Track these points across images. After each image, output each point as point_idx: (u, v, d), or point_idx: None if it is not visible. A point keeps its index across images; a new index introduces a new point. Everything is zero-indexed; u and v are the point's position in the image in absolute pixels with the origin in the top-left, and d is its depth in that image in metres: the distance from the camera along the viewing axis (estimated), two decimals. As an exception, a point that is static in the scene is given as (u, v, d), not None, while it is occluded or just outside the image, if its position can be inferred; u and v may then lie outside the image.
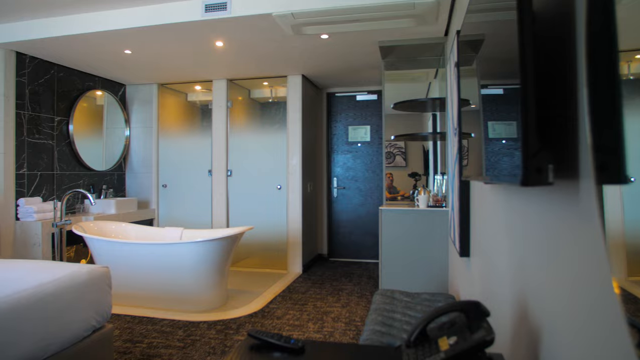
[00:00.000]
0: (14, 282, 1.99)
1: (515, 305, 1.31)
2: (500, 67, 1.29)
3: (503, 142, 1.27)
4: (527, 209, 1.21)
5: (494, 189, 1.69)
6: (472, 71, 1.97)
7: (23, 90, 4.39)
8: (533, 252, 1.15)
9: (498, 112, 1.34)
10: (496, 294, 1.60)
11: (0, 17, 3.80)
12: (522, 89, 0.88)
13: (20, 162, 4.35)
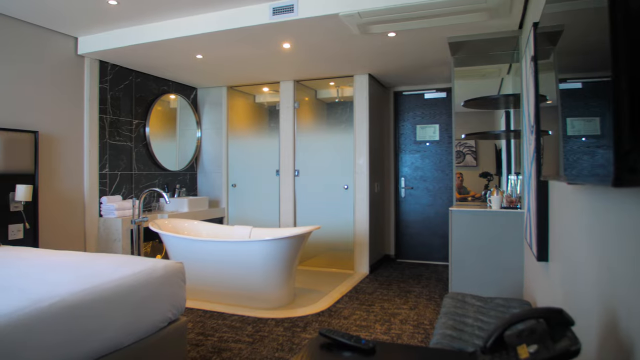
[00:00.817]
0: (99, 275, 2.12)
1: (603, 315, 1.21)
2: (581, 60, 1.20)
3: (583, 140, 1.19)
4: (617, 211, 1.12)
5: (577, 190, 1.58)
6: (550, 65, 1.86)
7: (105, 95, 4.70)
8: (625, 258, 1.05)
9: (578, 108, 1.25)
10: (580, 302, 1.49)
11: (86, 30, 4.09)
12: (614, 82, 0.81)
13: (103, 162, 4.66)
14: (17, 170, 3.72)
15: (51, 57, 4.16)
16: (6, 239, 3.62)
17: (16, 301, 1.72)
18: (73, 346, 1.82)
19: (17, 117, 3.85)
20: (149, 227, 4.38)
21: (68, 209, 4.30)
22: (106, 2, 3.48)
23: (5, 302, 1.69)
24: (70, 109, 4.35)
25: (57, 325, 1.76)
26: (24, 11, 3.68)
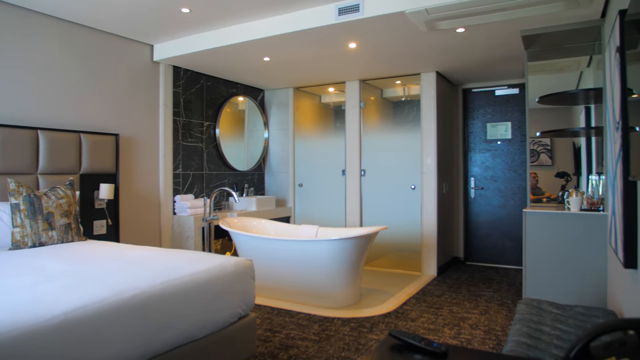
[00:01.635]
0: (175, 270, 2.22)
1: None
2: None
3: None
4: None
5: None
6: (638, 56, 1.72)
7: (178, 99, 4.93)
8: None
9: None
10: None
11: (161, 37, 4.31)
12: None
13: (177, 163, 4.89)
14: (100, 170, 3.98)
15: (130, 64, 4.42)
16: (91, 233, 3.89)
17: (101, 291, 1.83)
18: (151, 336, 1.91)
19: (100, 121, 4.13)
20: (219, 225, 4.53)
21: (145, 206, 4.56)
22: (179, 10, 3.64)
23: (92, 292, 1.82)
24: (147, 112, 4.60)
25: (137, 316, 1.86)
26: (106, 23, 3.94)
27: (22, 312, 1.57)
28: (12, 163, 3.37)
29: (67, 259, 2.51)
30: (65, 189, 3.26)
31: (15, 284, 1.96)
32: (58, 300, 1.71)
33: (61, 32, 3.84)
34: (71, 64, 3.91)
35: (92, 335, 1.69)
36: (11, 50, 3.51)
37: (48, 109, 3.74)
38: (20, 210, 2.95)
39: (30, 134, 3.49)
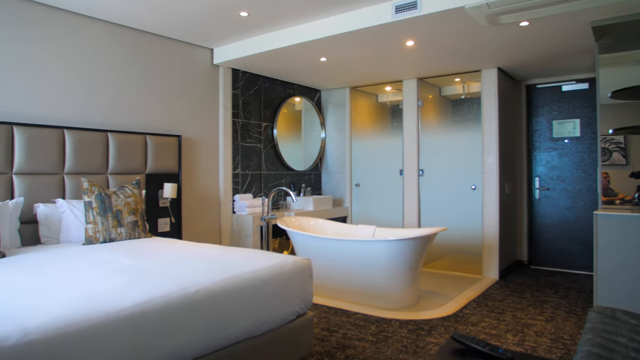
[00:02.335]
0: (235, 267, 2.28)
1: None
2: None
3: None
4: None
5: None
6: None
7: (237, 101, 5.05)
8: None
9: None
10: None
11: (221, 41, 4.43)
12: None
13: (236, 163, 5.01)
14: (164, 170, 4.15)
15: (191, 68, 4.58)
16: (156, 230, 4.06)
17: (167, 286, 1.91)
18: (213, 330, 1.97)
19: (164, 123, 4.31)
20: (277, 224, 4.60)
21: (206, 205, 4.70)
22: (238, 14, 3.73)
23: (158, 286, 1.89)
24: (207, 114, 4.75)
25: (200, 310, 1.92)
26: (170, 29, 4.10)
27: (94, 304, 1.66)
28: (85, 164, 3.58)
29: (135, 254, 2.63)
30: (133, 188, 3.42)
31: (88, 277, 2.07)
32: (127, 293, 1.80)
33: (128, 40, 4.04)
34: (137, 70, 4.11)
35: (158, 327, 1.76)
36: (87, 60, 3.73)
37: (117, 113, 3.94)
38: (93, 207, 3.13)
39: (101, 136, 3.70)
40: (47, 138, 3.37)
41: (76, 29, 3.69)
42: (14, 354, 1.36)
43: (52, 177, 3.41)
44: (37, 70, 3.46)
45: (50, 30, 3.54)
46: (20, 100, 3.37)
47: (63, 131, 3.48)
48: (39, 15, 3.47)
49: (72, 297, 1.72)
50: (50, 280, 2.02)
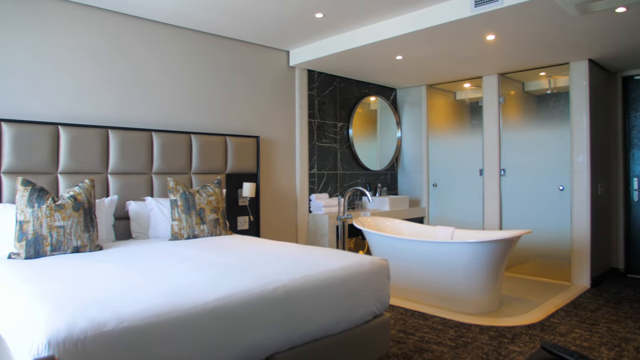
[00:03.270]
0: (313, 265, 2.30)
1: None
2: None
3: None
4: None
5: None
6: None
7: (313, 101, 5.10)
8: None
9: None
10: None
11: (296, 43, 4.50)
12: None
13: (312, 163, 5.07)
14: (243, 170, 4.29)
15: (268, 70, 4.70)
16: (235, 228, 4.21)
17: (247, 282, 1.96)
18: (291, 327, 1.99)
19: (243, 124, 4.46)
20: (353, 224, 4.59)
21: (283, 204, 4.80)
22: (313, 16, 3.76)
23: (239, 282, 1.95)
24: (284, 115, 4.85)
25: (279, 307, 1.95)
26: (247, 33, 4.24)
27: (181, 296, 1.75)
28: (170, 164, 3.79)
29: (216, 250, 2.74)
30: (214, 187, 3.56)
31: (174, 271, 2.18)
32: (210, 287, 1.87)
33: (208, 46, 4.22)
34: (217, 74, 4.28)
35: (239, 321, 1.81)
36: (170, 67, 3.95)
37: (199, 116, 4.14)
38: (178, 205, 3.30)
39: (185, 138, 3.90)
40: (137, 140, 3.61)
41: (161, 39, 3.91)
42: (112, 339, 1.47)
43: (141, 177, 3.64)
44: (127, 77, 3.72)
45: (139, 42, 3.78)
46: (114, 106, 3.63)
47: (151, 134, 3.70)
48: (132, 29, 3.73)
49: (161, 289, 1.82)
50: (141, 272, 2.15)
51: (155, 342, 1.57)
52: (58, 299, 1.70)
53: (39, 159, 3.15)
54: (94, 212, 2.91)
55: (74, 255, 2.64)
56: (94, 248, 2.81)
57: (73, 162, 3.29)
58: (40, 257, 2.61)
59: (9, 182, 3.03)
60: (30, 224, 2.63)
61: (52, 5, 3.34)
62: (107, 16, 3.60)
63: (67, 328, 1.42)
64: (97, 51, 3.55)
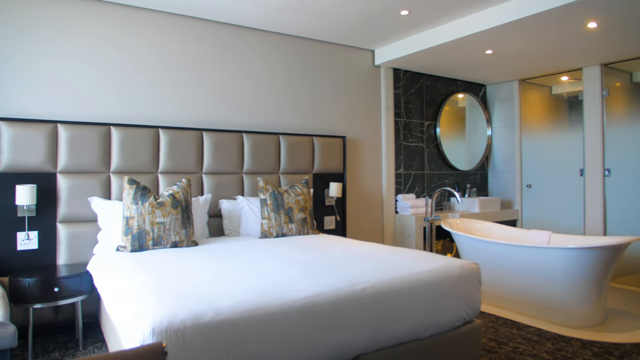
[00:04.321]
0: (401, 267, 2.26)
1: None
2: None
3: None
4: None
5: None
6: None
7: (399, 100, 5.03)
8: None
9: None
10: None
11: (381, 42, 4.46)
12: None
13: (398, 163, 5.00)
14: (330, 170, 4.33)
15: (353, 70, 4.71)
16: (322, 227, 4.26)
17: (336, 281, 1.97)
18: (379, 328, 1.97)
19: (329, 125, 4.50)
20: (440, 226, 4.46)
21: (369, 204, 4.78)
22: (398, 13, 3.71)
23: (328, 281, 1.97)
24: (370, 115, 4.83)
25: (367, 307, 1.94)
26: (332, 34, 4.28)
27: (271, 293, 1.79)
28: (260, 164, 3.92)
29: (304, 249, 2.79)
30: (302, 187, 3.63)
31: (264, 268, 2.25)
32: (299, 285, 1.90)
33: (294, 48, 4.32)
34: (303, 75, 4.37)
35: (327, 320, 1.83)
36: (256, 70, 4.10)
37: (286, 117, 4.24)
38: (267, 204, 3.41)
39: (273, 138, 4.01)
40: (229, 142, 3.78)
41: (248, 43, 4.06)
42: (208, 330, 1.55)
43: (233, 177, 3.81)
44: (220, 83, 3.90)
45: (231, 48, 3.96)
46: (208, 110, 3.83)
47: (242, 135, 3.86)
48: (224, 35, 3.92)
49: (253, 285, 1.89)
50: (234, 267, 2.25)
51: (248, 335, 1.63)
52: (160, 290, 1.82)
53: (142, 160, 3.40)
54: (190, 210, 3.08)
55: (173, 250, 2.83)
56: (190, 244, 2.99)
57: (171, 162, 3.52)
58: (143, 251, 2.82)
59: (117, 181, 3.31)
60: (135, 220, 2.84)
61: (162, 18, 3.61)
62: (205, 25, 3.82)
63: (169, 318, 1.52)
64: (195, 60, 3.78)
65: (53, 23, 3.24)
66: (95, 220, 3.20)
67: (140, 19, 3.56)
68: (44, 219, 3.09)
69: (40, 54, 3.20)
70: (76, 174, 3.19)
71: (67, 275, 2.80)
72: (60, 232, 3.12)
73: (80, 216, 3.18)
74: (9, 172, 2.98)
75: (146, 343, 1.46)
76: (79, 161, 3.18)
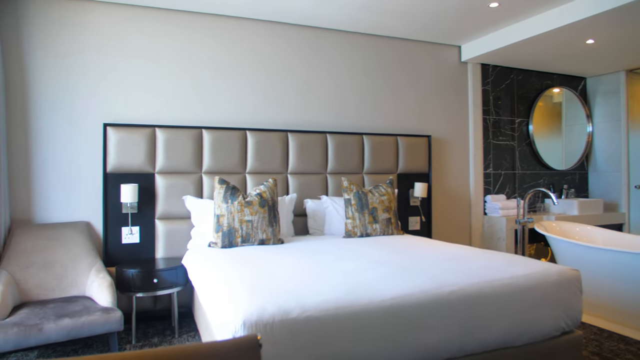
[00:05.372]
0: (492, 270, 2.15)
1: None
2: None
3: None
4: None
5: None
6: None
7: (487, 97, 4.80)
8: None
9: None
10: None
11: (468, 37, 4.28)
12: None
13: (487, 162, 4.77)
14: (414, 170, 4.24)
15: (438, 68, 4.57)
16: (407, 228, 4.18)
17: (422, 283, 1.92)
18: (468, 333, 1.89)
19: (413, 124, 4.41)
20: (534, 229, 4.20)
21: (455, 205, 4.62)
22: (487, 6, 3.54)
23: (414, 282, 1.92)
24: (456, 113, 4.66)
25: (455, 311, 1.87)
26: (414, 32, 4.20)
27: (357, 293, 1.78)
28: (343, 164, 3.94)
29: (389, 249, 2.75)
30: (386, 187, 3.59)
31: (349, 267, 2.25)
32: (385, 286, 1.87)
33: (375, 47, 4.28)
34: (386, 74, 4.32)
35: (413, 322, 1.78)
36: (341, 71, 4.11)
37: (368, 116, 4.22)
38: (351, 204, 3.40)
39: (357, 138, 4.01)
40: (313, 142, 3.83)
41: (331, 45, 4.09)
42: (296, 326, 1.57)
43: (317, 177, 3.85)
44: (303, 84, 3.97)
45: (314, 49, 4.02)
46: (293, 111, 3.92)
47: (325, 136, 3.90)
48: (307, 38, 3.99)
49: (338, 283, 1.89)
50: (319, 266, 2.27)
51: (334, 333, 1.63)
52: (250, 285, 1.88)
53: (230, 160, 3.56)
54: (277, 209, 3.17)
55: (260, 247, 2.92)
56: (276, 241, 3.07)
57: (258, 163, 3.64)
58: (233, 247, 2.93)
59: (208, 181, 3.49)
60: (225, 218, 2.97)
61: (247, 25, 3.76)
62: (289, 30, 3.93)
63: (259, 312, 1.56)
64: (279, 64, 3.89)
65: (149, 37, 3.51)
66: (189, 217, 3.39)
67: (226, 27, 3.73)
68: (144, 215, 3.34)
69: (139, 66, 3.47)
70: (171, 174, 3.41)
71: (165, 268, 3.00)
72: (158, 228, 3.36)
73: (175, 213, 3.39)
74: (115, 173, 3.26)
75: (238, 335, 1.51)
76: (174, 162, 3.39)
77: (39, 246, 2.92)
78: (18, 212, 3.16)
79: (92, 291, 2.77)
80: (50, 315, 2.40)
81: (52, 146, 3.25)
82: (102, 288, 2.71)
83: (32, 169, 3.21)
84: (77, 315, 2.43)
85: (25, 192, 3.19)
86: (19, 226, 3.04)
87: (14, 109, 3.17)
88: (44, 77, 3.24)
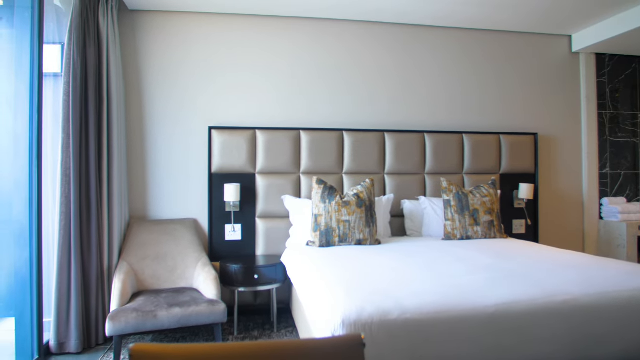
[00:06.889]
0: (609, 280, 1.95)
1: None
2: None
3: None
4: None
5: None
6: None
7: (603, 90, 4.38)
8: None
9: None
10: None
11: (580, 25, 3.93)
12: None
13: (603, 161, 4.35)
14: (519, 170, 3.99)
15: (545, 60, 4.25)
16: (510, 231, 3.94)
17: (530, 290, 1.79)
18: (581, 347, 1.73)
19: (517, 121, 4.14)
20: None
21: (565, 208, 4.26)
22: (609, -13, 3.22)
23: (520, 289, 1.80)
24: (566, 108, 4.30)
25: (567, 322, 1.72)
26: (519, 23, 3.94)
27: (458, 297, 1.71)
28: (442, 164, 3.81)
29: (491, 253, 2.61)
30: (488, 188, 3.41)
31: (449, 270, 2.17)
32: (488, 291, 1.78)
33: (474, 41, 4.08)
34: (488, 70, 4.10)
35: (521, 331, 1.68)
36: (440, 69, 3.98)
37: (469, 115, 4.04)
38: (451, 206, 3.28)
39: (456, 138, 3.86)
40: (410, 142, 3.76)
41: (429, 42, 3.98)
42: (395, 327, 1.55)
43: (414, 177, 3.77)
44: (399, 84, 3.91)
45: (411, 48, 3.94)
46: (388, 111, 3.87)
47: (423, 135, 3.80)
48: (405, 36, 3.92)
49: (438, 287, 1.83)
50: (417, 267, 2.22)
51: (434, 337, 1.58)
52: (348, 284, 1.88)
53: (327, 161, 3.61)
54: (374, 209, 3.15)
55: (357, 247, 2.92)
56: (373, 242, 3.04)
57: (354, 163, 3.65)
58: (330, 247, 2.97)
59: (306, 181, 3.56)
60: (323, 217, 3.01)
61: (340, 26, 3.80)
62: (384, 29, 3.89)
63: (357, 312, 1.56)
64: (374, 64, 3.86)
65: (251, 44, 3.68)
66: (287, 216, 3.49)
67: (324, 29, 3.79)
68: (245, 213, 3.50)
69: (240, 71, 3.66)
70: (271, 175, 3.54)
71: (265, 265, 3.12)
72: (258, 225, 3.51)
73: (274, 212, 3.51)
74: (219, 173, 3.47)
75: (337, 334, 1.51)
76: (273, 163, 3.52)
77: (153, 240, 3.18)
78: (135, 209, 3.48)
79: (199, 284, 2.96)
80: (163, 304, 2.59)
81: (164, 150, 3.54)
82: (208, 281, 2.88)
83: (147, 171, 3.52)
84: (186, 305, 2.60)
85: (141, 191, 3.51)
86: (136, 222, 3.34)
87: (132, 117, 3.50)
88: (155, 85, 3.55)
